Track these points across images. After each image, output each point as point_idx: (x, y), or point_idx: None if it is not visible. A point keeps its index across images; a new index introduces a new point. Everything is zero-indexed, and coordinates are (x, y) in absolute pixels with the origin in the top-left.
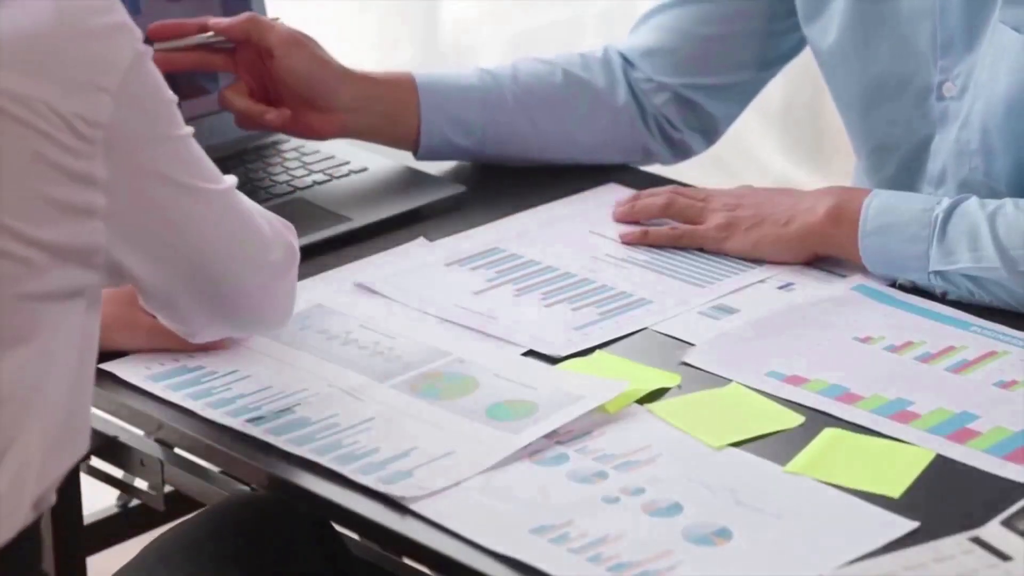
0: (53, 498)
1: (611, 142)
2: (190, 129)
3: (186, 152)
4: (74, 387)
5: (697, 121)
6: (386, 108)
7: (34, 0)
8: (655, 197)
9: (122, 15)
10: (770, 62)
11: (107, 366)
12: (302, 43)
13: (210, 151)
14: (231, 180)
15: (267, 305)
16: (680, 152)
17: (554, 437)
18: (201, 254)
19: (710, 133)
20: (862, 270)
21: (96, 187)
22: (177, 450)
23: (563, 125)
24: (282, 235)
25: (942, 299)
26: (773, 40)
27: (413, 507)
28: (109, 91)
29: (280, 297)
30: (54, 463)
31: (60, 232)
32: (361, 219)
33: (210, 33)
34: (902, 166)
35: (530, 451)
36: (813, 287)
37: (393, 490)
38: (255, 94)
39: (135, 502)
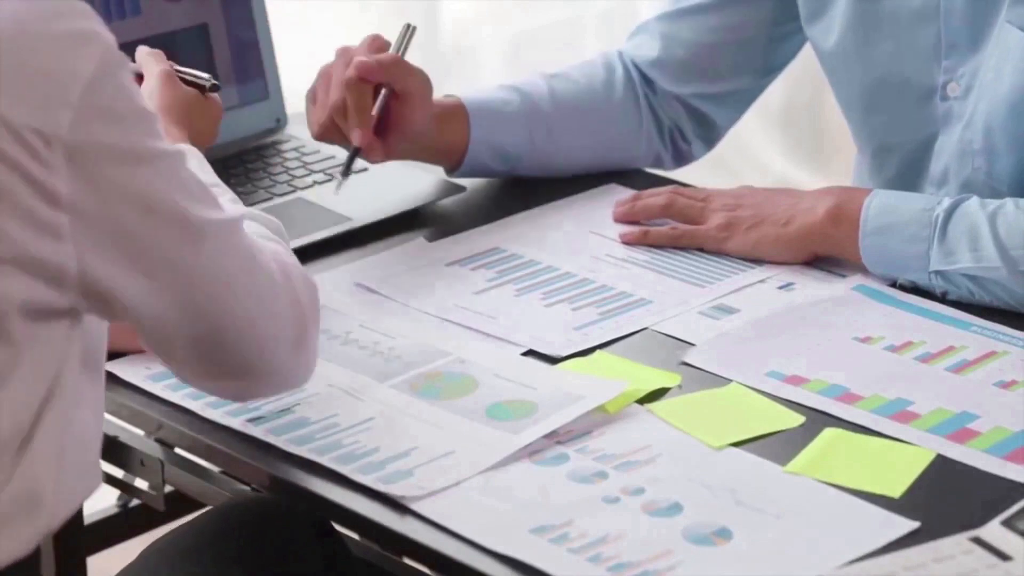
0: None
1: (632, 160)
2: (181, 147)
3: (169, 172)
4: (70, 416)
5: (702, 129)
6: (441, 138)
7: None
8: (655, 197)
9: (88, 22)
10: (775, 66)
11: (107, 366)
12: (431, 92)
13: (210, 151)
14: (233, 211)
15: (268, 363)
16: (682, 159)
17: (554, 437)
18: (188, 291)
19: (712, 140)
20: (862, 270)
21: (60, 206)
22: (177, 450)
23: (594, 151)
24: (292, 285)
25: (942, 299)
26: (777, 44)
27: (413, 507)
28: (70, 103)
29: (286, 355)
30: (64, 496)
31: (27, 248)
32: (361, 219)
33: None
34: (905, 166)
35: (530, 451)
36: (813, 287)
37: (393, 490)
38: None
39: (135, 502)
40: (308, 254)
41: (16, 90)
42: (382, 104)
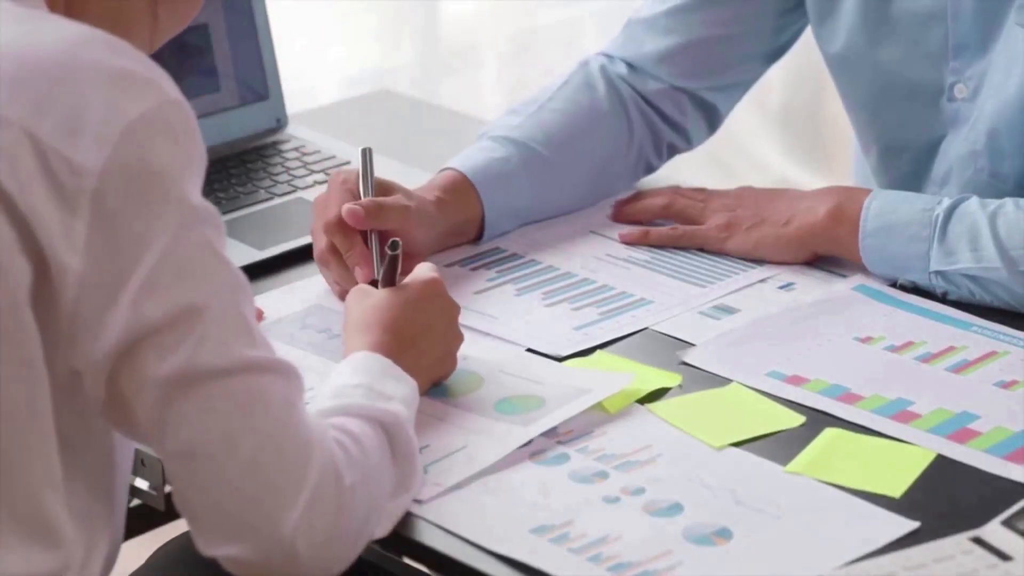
0: None
1: (624, 177)
2: (215, 244)
3: (187, 258)
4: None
5: (706, 117)
6: (451, 221)
7: (64, 23)
8: (656, 197)
9: (150, 71)
10: (782, 50)
11: None
12: (416, 215)
13: (210, 152)
14: (272, 356)
15: (291, 534)
16: (677, 152)
17: (555, 437)
18: (197, 416)
19: (716, 126)
20: (862, 270)
21: (73, 248)
22: None
23: (594, 182)
24: (329, 450)
25: (943, 299)
26: (784, 29)
27: (414, 507)
28: (108, 140)
29: (315, 530)
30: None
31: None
32: None
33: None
34: (912, 167)
35: (531, 451)
36: (813, 287)
37: None
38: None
39: (135, 502)
40: (308, 255)
41: (56, 114)
42: (377, 243)
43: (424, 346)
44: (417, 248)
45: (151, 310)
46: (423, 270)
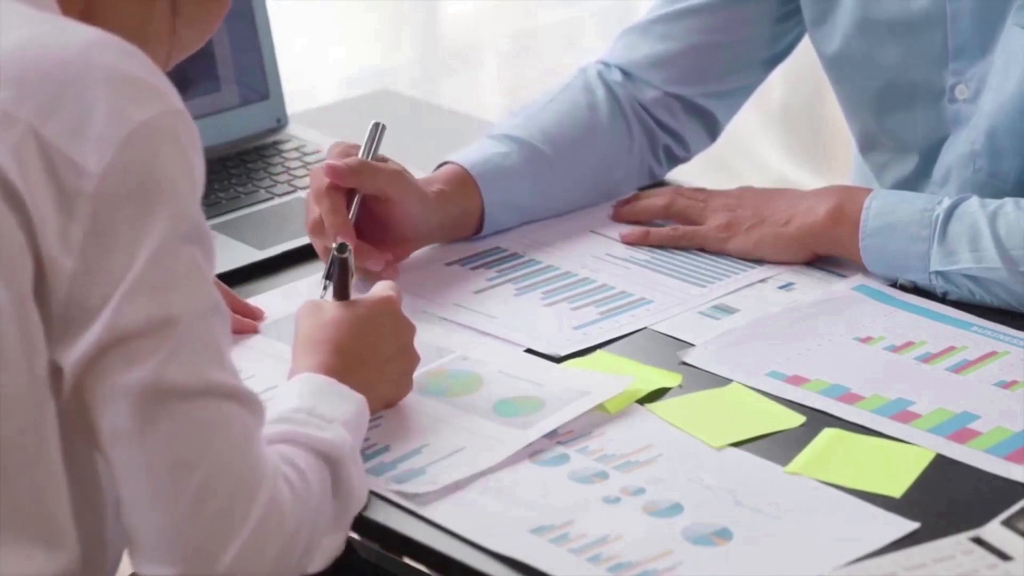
0: None
1: (627, 181)
2: (195, 262)
3: (171, 270)
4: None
5: (704, 124)
6: (451, 214)
7: (81, 28)
8: (656, 197)
9: (160, 80)
10: (779, 58)
11: None
12: (411, 185)
13: (210, 151)
14: (239, 385)
15: (225, 571)
16: (677, 162)
17: (555, 437)
18: (159, 443)
19: (715, 134)
20: (862, 270)
21: (68, 249)
22: None
23: (594, 182)
24: (277, 489)
25: (943, 299)
26: (780, 37)
27: (414, 507)
28: (111, 144)
29: (250, 567)
30: None
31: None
32: None
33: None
34: (914, 167)
35: (531, 451)
36: (813, 287)
37: (407, 488)
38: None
39: None
40: (308, 254)
41: (60, 114)
42: (357, 208)
43: (374, 366)
44: (410, 229)
45: (128, 317)
46: (380, 287)
